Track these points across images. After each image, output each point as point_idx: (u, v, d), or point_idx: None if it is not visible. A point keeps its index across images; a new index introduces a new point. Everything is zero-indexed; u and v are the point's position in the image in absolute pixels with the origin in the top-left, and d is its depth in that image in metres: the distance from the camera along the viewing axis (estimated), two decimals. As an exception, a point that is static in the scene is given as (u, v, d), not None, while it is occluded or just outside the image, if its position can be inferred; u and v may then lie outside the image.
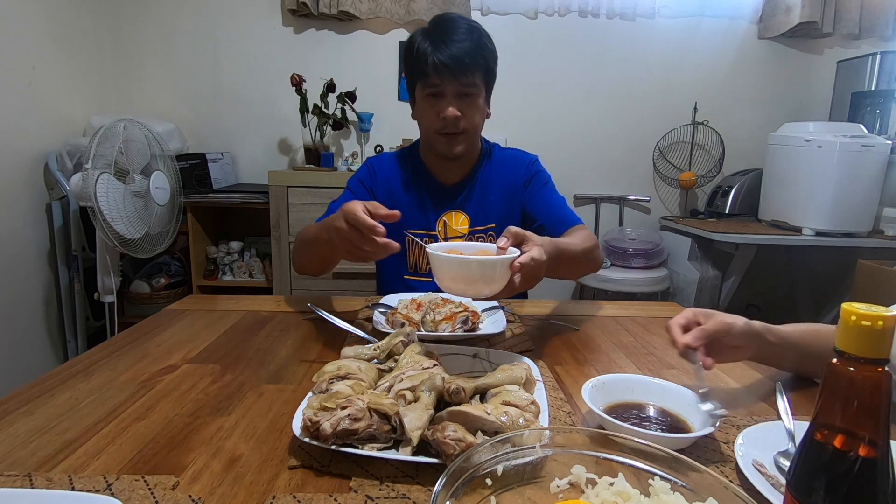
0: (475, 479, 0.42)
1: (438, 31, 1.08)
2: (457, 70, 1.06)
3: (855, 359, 0.31)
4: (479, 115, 1.15)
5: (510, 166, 1.26)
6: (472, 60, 1.06)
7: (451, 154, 1.16)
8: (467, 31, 1.07)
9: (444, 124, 1.11)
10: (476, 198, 1.22)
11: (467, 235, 1.22)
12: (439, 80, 1.07)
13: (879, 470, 0.31)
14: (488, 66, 1.11)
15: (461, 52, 1.05)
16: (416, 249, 1.21)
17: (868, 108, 2.40)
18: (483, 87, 1.13)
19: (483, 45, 1.09)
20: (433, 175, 1.23)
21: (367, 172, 1.25)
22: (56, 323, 2.16)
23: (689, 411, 0.62)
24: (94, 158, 1.69)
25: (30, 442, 0.57)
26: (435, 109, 1.11)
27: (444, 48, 1.05)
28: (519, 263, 0.71)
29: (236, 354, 0.83)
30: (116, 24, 2.47)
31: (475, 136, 1.18)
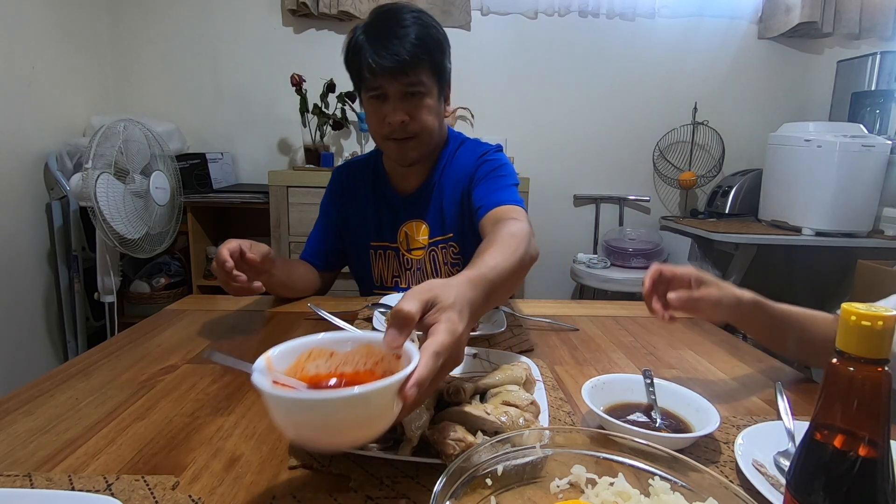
0: (475, 479, 0.42)
1: (377, 27, 0.97)
2: (398, 70, 0.95)
3: (855, 359, 0.31)
4: (432, 116, 1.03)
5: (463, 164, 1.12)
6: (414, 58, 0.95)
7: (404, 161, 1.07)
8: (410, 25, 0.96)
9: (390, 129, 1.01)
10: (434, 206, 1.13)
11: (428, 247, 1.14)
12: (380, 82, 0.97)
13: (879, 470, 0.31)
14: (436, 61, 1.00)
15: (402, 49, 0.94)
16: (381, 263, 1.17)
17: (868, 108, 2.40)
18: (434, 85, 1.01)
19: (428, 37, 0.97)
20: (391, 184, 1.16)
21: (334, 188, 1.22)
22: (56, 323, 2.16)
23: (689, 411, 0.62)
24: (94, 158, 1.69)
25: (30, 442, 0.57)
26: (380, 114, 1.01)
27: (384, 46, 0.94)
28: (416, 381, 0.43)
29: (236, 354, 0.83)
30: (116, 24, 2.47)
31: (429, 139, 1.06)
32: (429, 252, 1.14)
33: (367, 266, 1.20)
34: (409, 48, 0.94)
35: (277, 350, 0.47)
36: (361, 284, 1.25)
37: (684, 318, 1.08)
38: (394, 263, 1.17)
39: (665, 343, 0.93)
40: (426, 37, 0.97)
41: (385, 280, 1.18)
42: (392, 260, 1.17)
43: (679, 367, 0.82)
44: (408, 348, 0.46)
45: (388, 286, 1.18)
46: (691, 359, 0.86)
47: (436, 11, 2.47)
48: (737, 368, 0.83)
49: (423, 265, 1.15)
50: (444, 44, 1.02)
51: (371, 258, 1.18)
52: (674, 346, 0.91)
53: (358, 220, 1.18)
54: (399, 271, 1.17)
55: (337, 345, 0.49)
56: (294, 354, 0.47)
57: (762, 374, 0.81)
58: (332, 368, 0.49)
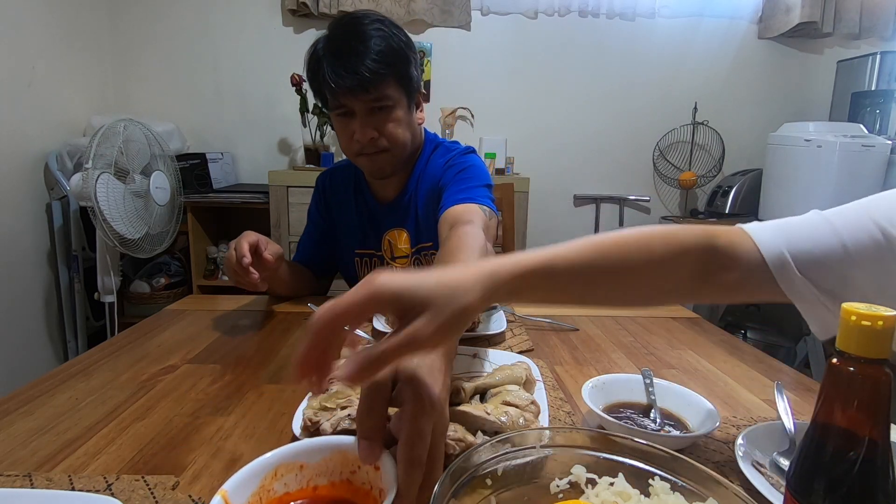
0: (475, 479, 0.42)
1: (337, 42, 0.92)
2: (360, 88, 0.91)
3: (855, 359, 0.31)
4: (402, 129, 0.99)
5: (432, 172, 1.09)
6: (376, 74, 0.90)
7: (378, 175, 1.06)
8: (370, 38, 0.91)
9: (360, 147, 0.98)
10: (412, 214, 1.11)
11: (412, 255, 1.13)
12: (344, 100, 0.94)
13: (879, 470, 0.31)
14: (400, 72, 0.95)
15: (362, 66, 0.89)
16: (366, 271, 1.16)
17: (868, 108, 2.40)
18: (402, 96, 0.97)
19: (389, 49, 0.92)
20: (371, 192, 1.14)
21: (319, 196, 1.20)
22: (56, 323, 2.16)
23: (689, 411, 0.62)
24: (94, 158, 1.69)
25: (30, 442, 0.57)
26: (348, 131, 0.97)
27: (343, 64, 0.89)
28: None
29: (236, 354, 0.83)
30: (116, 23, 2.47)
31: (402, 152, 1.03)
32: (413, 260, 1.13)
33: (352, 273, 1.19)
34: (371, 64, 0.90)
35: (234, 480, 0.39)
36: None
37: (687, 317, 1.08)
38: (375, 264, 1.17)
39: (665, 343, 0.93)
40: (387, 49, 0.92)
41: None
42: (377, 267, 1.16)
43: (679, 367, 0.82)
44: (383, 460, 0.41)
45: None
46: (691, 359, 0.86)
47: (436, 11, 2.47)
48: (737, 368, 0.83)
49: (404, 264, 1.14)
50: (408, 51, 0.97)
51: (356, 265, 1.17)
52: (674, 346, 0.91)
53: (344, 227, 1.18)
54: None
55: (307, 455, 0.44)
56: (256, 478, 0.41)
57: (762, 374, 0.81)
58: (305, 483, 0.44)
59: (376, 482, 0.43)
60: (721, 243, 0.53)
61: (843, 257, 0.49)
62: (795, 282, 0.51)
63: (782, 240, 0.52)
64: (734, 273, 0.53)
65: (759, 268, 0.52)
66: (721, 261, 0.53)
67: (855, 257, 0.49)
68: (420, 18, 2.46)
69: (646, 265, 0.52)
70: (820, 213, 0.53)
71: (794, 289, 0.51)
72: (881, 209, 0.50)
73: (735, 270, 0.53)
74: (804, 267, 0.51)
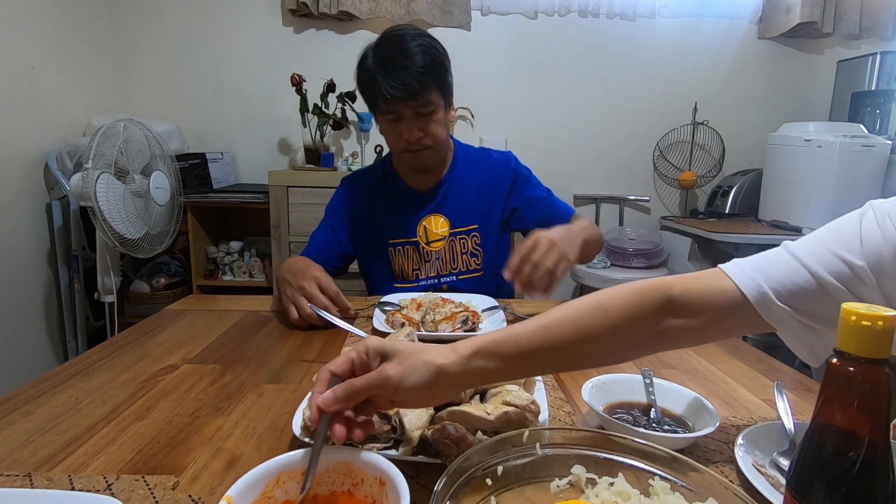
0: (475, 479, 0.42)
1: (387, 55, 1.06)
2: (409, 97, 1.06)
3: (855, 359, 0.31)
4: (442, 128, 1.15)
5: (486, 165, 1.27)
6: (423, 84, 1.06)
7: (421, 168, 1.21)
8: (415, 52, 1.06)
9: (407, 145, 1.13)
10: (453, 199, 1.24)
11: (448, 238, 1.23)
12: (394, 107, 1.09)
13: (879, 470, 0.31)
14: (441, 81, 1.11)
15: (412, 77, 1.04)
16: (400, 258, 1.24)
17: (868, 108, 2.40)
18: (441, 100, 1.12)
19: (434, 63, 1.08)
20: (407, 183, 1.26)
21: (342, 196, 1.28)
22: (56, 323, 2.16)
23: (688, 411, 0.62)
24: (94, 158, 1.69)
25: (30, 442, 0.57)
26: (396, 132, 1.13)
27: (394, 75, 1.04)
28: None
29: (236, 354, 0.83)
30: (116, 23, 2.47)
31: (442, 147, 1.19)
32: (449, 242, 1.24)
33: (386, 263, 1.26)
34: (417, 77, 1.05)
35: (239, 485, 0.40)
36: (372, 279, 1.30)
37: None
38: (413, 256, 1.24)
39: (665, 343, 0.93)
40: (431, 63, 1.07)
41: (406, 273, 1.25)
42: (412, 254, 1.24)
43: (679, 367, 0.82)
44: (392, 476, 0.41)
45: (410, 279, 1.25)
46: (691, 359, 0.86)
47: (436, 11, 2.47)
48: (737, 368, 0.83)
49: (441, 255, 1.24)
50: (446, 61, 1.13)
51: (390, 255, 1.25)
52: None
53: (373, 223, 1.26)
54: (419, 263, 1.25)
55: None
56: (259, 485, 0.41)
57: (762, 374, 0.81)
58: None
59: (380, 496, 0.42)
60: (676, 293, 0.55)
61: (817, 288, 0.52)
62: (776, 311, 0.53)
63: (759, 274, 0.54)
64: (697, 318, 0.55)
65: (740, 304, 0.54)
66: (678, 310, 0.55)
67: (828, 287, 0.52)
68: (420, 18, 2.46)
69: (601, 335, 0.54)
70: (787, 249, 0.56)
71: (777, 317, 0.53)
72: (837, 240, 0.53)
73: (698, 315, 0.55)
74: (783, 297, 0.53)
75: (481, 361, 0.50)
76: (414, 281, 1.24)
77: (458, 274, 1.23)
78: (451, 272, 1.23)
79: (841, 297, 0.51)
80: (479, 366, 0.50)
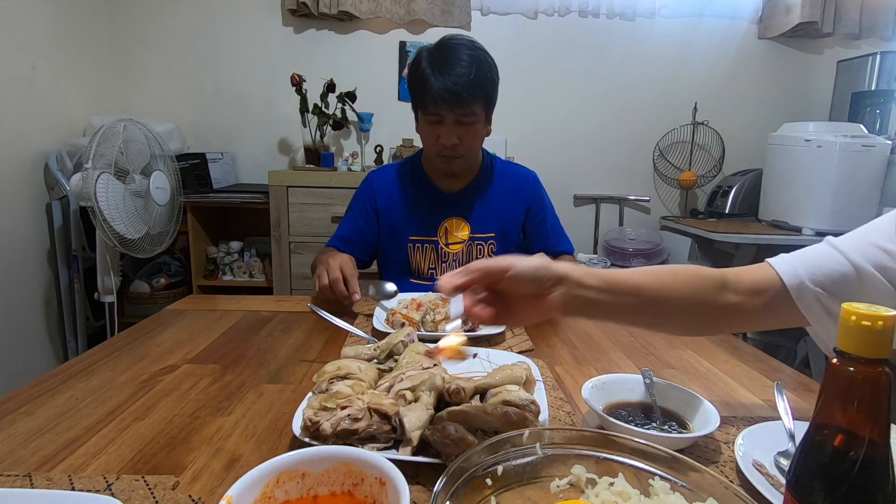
0: (475, 479, 0.42)
1: (441, 60, 1.10)
2: (455, 104, 1.10)
3: (855, 359, 0.31)
4: (478, 139, 1.20)
5: (512, 180, 1.31)
6: (471, 94, 1.10)
7: (450, 174, 1.24)
8: (469, 62, 1.10)
9: (441, 149, 1.16)
10: (477, 206, 1.27)
11: (467, 242, 1.26)
12: (439, 109, 1.12)
13: (879, 470, 0.31)
14: (488, 95, 1.15)
15: (461, 85, 1.08)
16: (419, 255, 1.26)
17: (868, 108, 2.40)
18: (483, 113, 1.16)
19: (483, 75, 1.11)
20: (434, 184, 1.28)
21: (367, 188, 1.30)
22: (56, 323, 2.16)
23: (688, 411, 0.62)
24: (94, 158, 1.69)
25: (30, 442, 0.57)
26: (434, 134, 1.16)
27: (445, 80, 1.08)
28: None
29: (236, 354, 0.83)
30: (116, 24, 2.47)
31: (474, 157, 1.24)
32: (467, 246, 1.26)
33: (404, 258, 1.28)
34: (468, 84, 1.08)
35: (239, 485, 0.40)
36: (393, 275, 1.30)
37: None
38: (431, 256, 1.27)
39: (665, 343, 0.93)
40: (482, 75, 1.11)
41: (422, 271, 1.27)
42: (430, 253, 1.27)
43: (679, 367, 0.82)
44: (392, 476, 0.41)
45: (425, 276, 1.27)
46: (691, 359, 0.86)
47: (436, 11, 2.47)
48: (737, 368, 0.83)
49: (459, 257, 1.27)
50: (496, 78, 1.16)
51: (409, 251, 1.27)
52: (674, 346, 0.91)
53: (397, 218, 1.28)
54: (436, 263, 1.27)
55: (309, 464, 0.44)
56: (259, 485, 0.42)
57: (762, 374, 0.81)
58: (305, 492, 0.44)
59: (380, 496, 0.42)
60: (730, 276, 0.62)
61: (855, 275, 0.56)
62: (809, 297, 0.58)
63: (800, 266, 0.59)
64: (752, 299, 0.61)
65: (780, 290, 0.60)
66: (734, 288, 0.61)
67: (865, 275, 0.55)
68: (420, 18, 2.46)
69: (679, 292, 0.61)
70: (828, 242, 0.60)
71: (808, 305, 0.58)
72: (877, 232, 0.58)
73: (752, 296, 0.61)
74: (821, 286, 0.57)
75: (593, 282, 0.55)
76: (429, 279, 1.26)
77: None
78: None
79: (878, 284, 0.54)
80: (590, 285, 0.55)
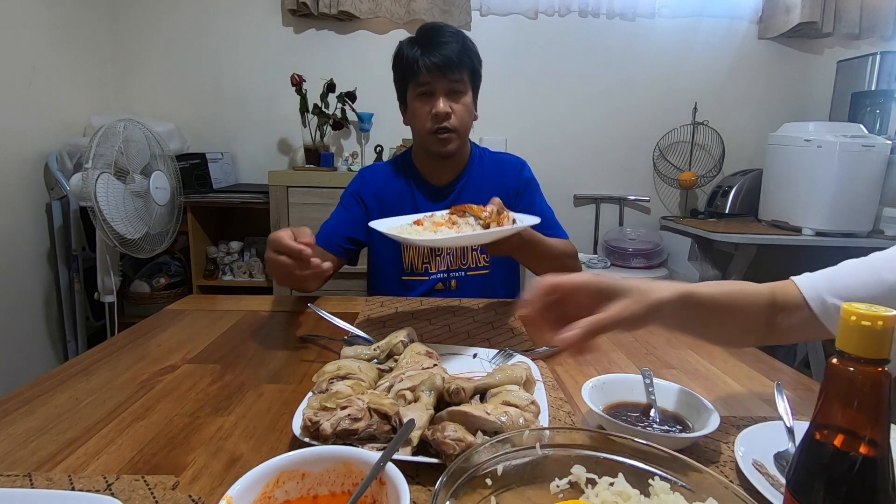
0: (475, 479, 0.42)
1: (426, 36, 1.15)
2: (445, 68, 1.12)
3: (855, 359, 0.31)
4: (468, 115, 1.20)
5: (500, 168, 1.31)
6: (459, 59, 1.14)
7: (444, 152, 1.20)
8: (453, 35, 1.15)
9: (435, 122, 1.16)
10: (467, 197, 1.25)
11: None
12: (430, 78, 1.13)
13: (879, 470, 0.31)
14: (474, 67, 1.19)
15: (449, 52, 1.12)
16: (412, 251, 1.25)
17: (868, 108, 2.40)
18: (470, 87, 1.19)
19: (468, 46, 1.17)
20: (424, 177, 1.29)
21: (358, 184, 1.30)
22: (56, 323, 2.16)
23: (688, 411, 0.62)
24: (94, 158, 1.69)
25: (30, 442, 0.57)
26: (427, 107, 1.16)
27: (433, 49, 1.12)
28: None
29: (236, 354, 0.83)
30: (116, 23, 2.47)
31: (465, 137, 1.23)
32: None
33: (397, 255, 1.27)
34: (456, 51, 1.13)
35: (239, 485, 0.40)
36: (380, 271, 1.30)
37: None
38: (424, 251, 1.26)
39: (665, 343, 0.93)
40: (466, 46, 1.16)
41: (416, 267, 1.27)
42: (423, 248, 1.26)
43: (679, 367, 0.82)
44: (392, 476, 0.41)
45: (419, 272, 1.26)
46: (691, 359, 0.86)
47: (436, 11, 2.47)
48: (737, 368, 0.83)
49: (453, 251, 1.26)
50: (480, 57, 1.21)
51: (402, 247, 1.26)
52: (674, 346, 0.91)
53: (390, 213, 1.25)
54: (429, 258, 1.26)
55: (309, 464, 0.44)
56: (259, 485, 0.42)
57: (762, 374, 0.81)
58: (305, 492, 0.44)
59: (380, 496, 0.41)
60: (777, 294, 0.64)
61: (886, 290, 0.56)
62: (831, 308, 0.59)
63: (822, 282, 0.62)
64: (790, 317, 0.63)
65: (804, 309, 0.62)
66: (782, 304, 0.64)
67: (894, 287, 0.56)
68: (420, 18, 2.46)
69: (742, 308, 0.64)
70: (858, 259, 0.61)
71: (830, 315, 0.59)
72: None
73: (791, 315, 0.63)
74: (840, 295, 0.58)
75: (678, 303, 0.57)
76: (424, 274, 1.25)
77: (467, 270, 1.25)
78: (461, 267, 1.25)
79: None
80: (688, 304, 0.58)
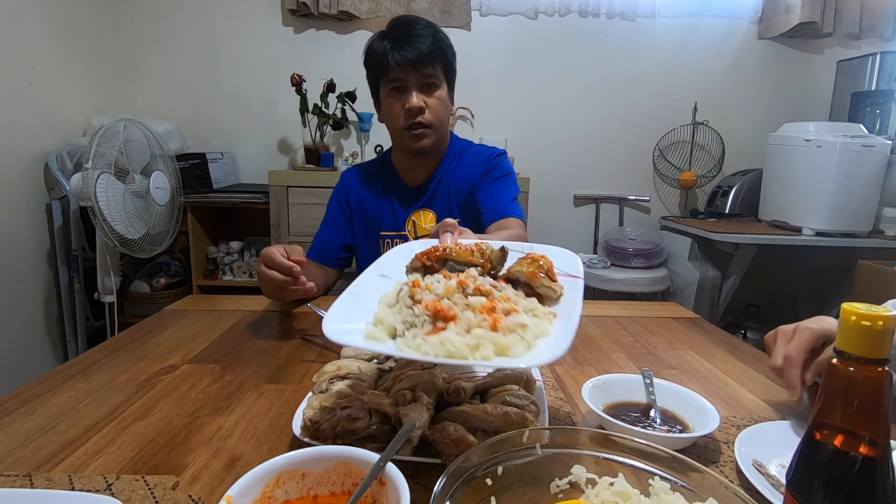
0: (475, 479, 0.42)
1: (396, 30, 1.12)
2: (417, 62, 1.09)
3: (855, 359, 0.31)
4: (444, 109, 1.17)
5: (473, 162, 1.27)
6: (431, 53, 1.10)
7: (418, 148, 1.17)
8: (424, 27, 1.12)
9: (409, 117, 1.13)
10: (441, 195, 1.26)
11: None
12: (401, 73, 1.10)
13: (879, 470, 0.31)
14: (447, 59, 1.15)
15: (420, 45, 1.09)
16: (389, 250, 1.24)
17: (868, 108, 2.40)
18: (444, 81, 1.16)
19: (441, 39, 1.13)
20: (401, 178, 1.28)
21: (341, 189, 1.30)
22: (56, 323, 2.16)
23: (689, 411, 0.62)
24: (94, 158, 1.69)
25: (30, 442, 0.57)
26: (400, 103, 1.13)
27: (403, 43, 1.09)
28: None
29: (236, 354, 0.83)
30: (116, 24, 2.47)
31: (441, 131, 1.19)
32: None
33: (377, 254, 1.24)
34: (427, 45, 1.09)
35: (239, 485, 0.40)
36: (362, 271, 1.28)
37: (687, 317, 1.09)
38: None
39: (665, 343, 0.93)
40: (439, 40, 1.12)
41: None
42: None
43: (679, 367, 0.82)
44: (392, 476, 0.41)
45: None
46: (691, 359, 0.86)
47: (436, 11, 2.47)
48: (737, 368, 0.83)
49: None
50: (453, 48, 1.17)
51: (381, 246, 1.27)
52: (674, 346, 0.91)
53: (370, 213, 1.28)
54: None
55: (309, 464, 0.44)
56: (259, 485, 0.42)
57: (762, 374, 0.81)
58: (305, 492, 0.44)
59: (380, 496, 0.41)
60: None
61: None
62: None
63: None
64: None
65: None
66: None
67: None
68: (420, 18, 2.46)
69: None
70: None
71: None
72: None
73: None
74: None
75: None
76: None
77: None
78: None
79: None
80: None
